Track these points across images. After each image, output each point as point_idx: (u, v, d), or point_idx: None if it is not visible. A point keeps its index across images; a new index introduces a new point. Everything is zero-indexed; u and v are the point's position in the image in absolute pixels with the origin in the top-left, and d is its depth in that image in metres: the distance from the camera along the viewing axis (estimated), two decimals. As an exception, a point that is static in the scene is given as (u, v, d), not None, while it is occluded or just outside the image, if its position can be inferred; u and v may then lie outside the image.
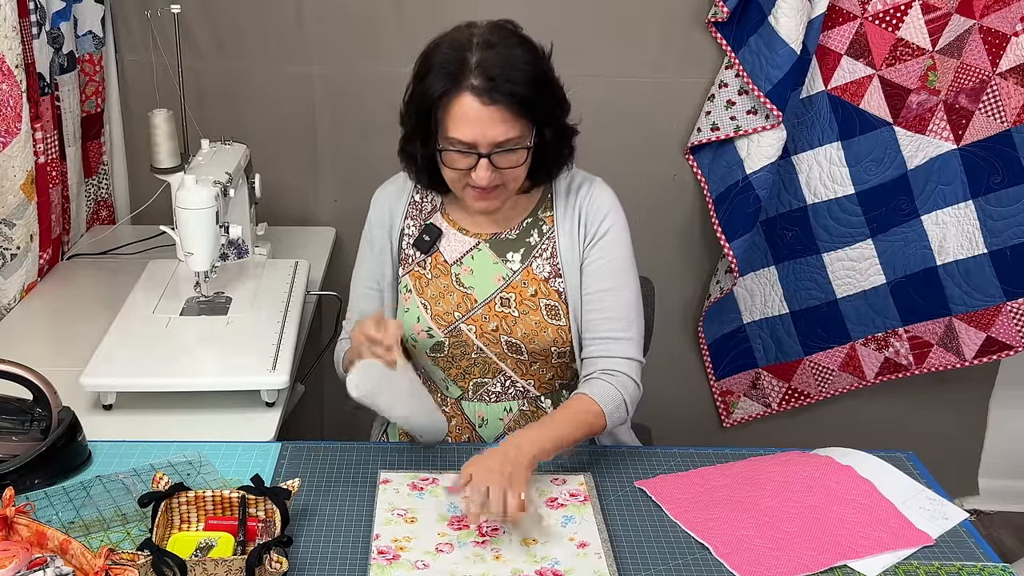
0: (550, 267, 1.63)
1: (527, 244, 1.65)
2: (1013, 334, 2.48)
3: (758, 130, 2.38)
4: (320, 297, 2.23)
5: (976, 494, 2.94)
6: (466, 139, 1.48)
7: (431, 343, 1.64)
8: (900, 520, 1.39)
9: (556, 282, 1.63)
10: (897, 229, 2.48)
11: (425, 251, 1.66)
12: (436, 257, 1.66)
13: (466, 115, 1.47)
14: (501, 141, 1.49)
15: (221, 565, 1.16)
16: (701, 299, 2.71)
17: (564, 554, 1.29)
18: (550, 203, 1.67)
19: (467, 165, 1.51)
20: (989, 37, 2.29)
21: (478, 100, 1.46)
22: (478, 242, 1.65)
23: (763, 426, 2.82)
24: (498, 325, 1.61)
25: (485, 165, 1.49)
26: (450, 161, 1.52)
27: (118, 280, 2.11)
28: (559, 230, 1.64)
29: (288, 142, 2.53)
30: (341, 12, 2.41)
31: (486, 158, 1.49)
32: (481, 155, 1.49)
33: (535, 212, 1.67)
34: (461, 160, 1.51)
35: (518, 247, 1.65)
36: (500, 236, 1.65)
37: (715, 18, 2.38)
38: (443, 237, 1.66)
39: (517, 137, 1.50)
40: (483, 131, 1.47)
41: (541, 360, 1.64)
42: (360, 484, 1.44)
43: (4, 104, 1.91)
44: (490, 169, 1.50)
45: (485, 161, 1.49)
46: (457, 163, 1.52)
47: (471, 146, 1.49)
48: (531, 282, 1.62)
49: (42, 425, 1.44)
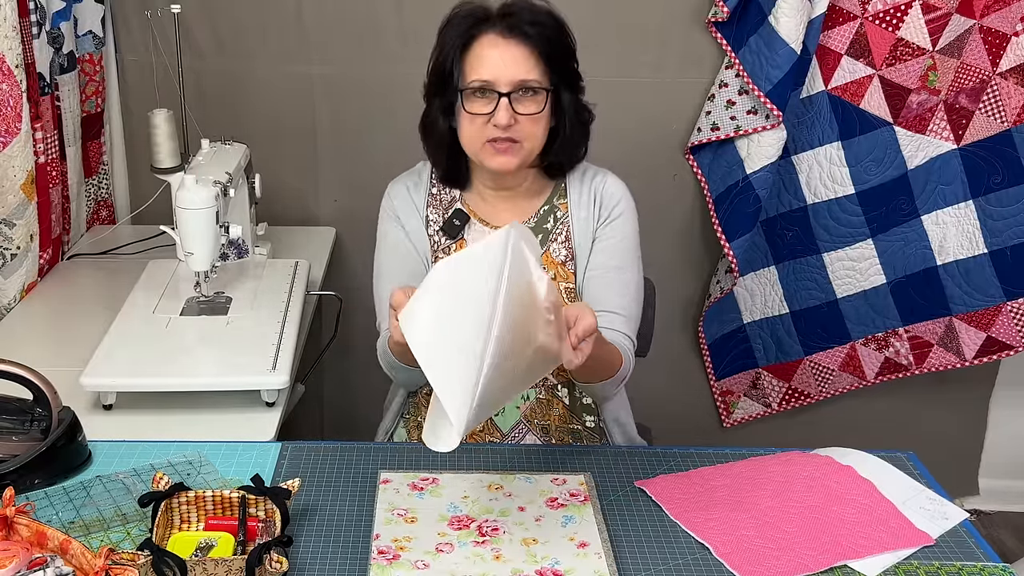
0: (565, 250, 1.66)
1: (544, 230, 1.67)
2: (1013, 334, 2.48)
3: (758, 130, 2.38)
4: (320, 297, 2.23)
5: (976, 494, 2.94)
6: (486, 77, 1.50)
7: None
8: (900, 520, 1.39)
9: (572, 265, 1.66)
10: (897, 229, 2.48)
11: (453, 236, 1.66)
12: (460, 245, 1.67)
13: (487, 53, 1.51)
14: (521, 79, 1.51)
15: (221, 565, 1.16)
16: (701, 299, 2.71)
17: (564, 554, 1.29)
18: (564, 191, 1.69)
19: (487, 109, 1.52)
20: (989, 37, 2.29)
21: (500, 36, 1.51)
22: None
23: (763, 426, 2.82)
24: None
25: (505, 105, 1.50)
26: (470, 106, 1.52)
27: (118, 280, 2.11)
28: (572, 214, 1.67)
29: (288, 142, 2.53)
30: (341, 12, 2.41)
31: (506, 97, 1.50)
32: (501, 94, 1.50)
33: (551, 200, 1.69)
34: (481, 104, 1.52)
35: (536, 234, 1.66)
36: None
37: (715, 18, 2.38)
38: (469, 223, 1.66)
39: (537, 80, 1.52)
40: (504, 67, 1.50)
41: None
42: (360, 484, 1.44)
43: (4, 104, 1.91)
44: (509, 111, 1.51)
45: (505, 101, 1.50)
46: (477, 107, 1.52)
47: (490, 85, 1.50)
48: (550, 267, 1.65)
49: (42, 425, 1.44)
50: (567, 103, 1.59)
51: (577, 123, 1.62)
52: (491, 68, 1.51)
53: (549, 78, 1.54)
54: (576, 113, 1.61)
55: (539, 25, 1.52)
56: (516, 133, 1.53)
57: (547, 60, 1.53)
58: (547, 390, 1.68)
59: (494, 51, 1.51)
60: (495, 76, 1.50)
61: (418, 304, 1.21)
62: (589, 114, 1.64)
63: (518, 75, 1.51)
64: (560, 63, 1.56)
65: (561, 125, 1.60)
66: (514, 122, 1.52)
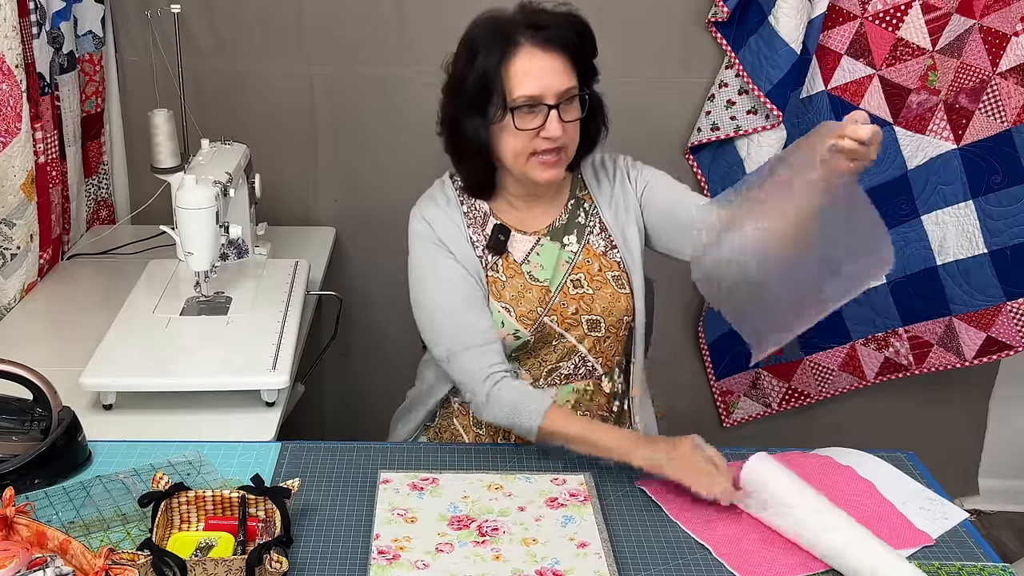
0: (603, 240, 1.68)
1: (578, 225, 1.68)
2: (1013, 334, 2.48)
3: (758, 130, 2.39)
4: (320, 297, 2.23)
5: (976, 494, 2.94)
6: (534, 92, 1.51)
7: (516, 344, 1.63)
8: (900, 520, 1.39)
9: (613, 254, 1.68)
10: (897, 229, 2.48)
11: (500, 252, 1.65)
12: (506, 258, 1.65)
13: (530, 68, 1.51)
14: (566, 89, 1.52)
15: (221, 565, 1.16)
16: (701, 299, 2.71)
17: (564, 554, 1.29)
18: (583, 183, 1.71)
19: (537, 123, 1.52)
20: (989, 37, 2.29)
21: (539, 49, 1.51)
22: (539, 238, 1.67)
23: (763, 426, 2.82)
24: (577, 307, 1.64)
25: (555, 117, 1.51)
26: (522, 123, 1.52)
27: (118, 280, 2.11)
28: (600, 205, 1.69)
29: (288, 142, 2.52)
30: (341, 12, 2.41)
31: (555, 109, 1.51)
32: (550, 106, 1.51)
33: (574, 193, 1.70)
34: (530, 119, 1.52)
35: (571, 229, 1.68)
36: (555, 225, 1.68)
37: (715, 18, 2.38)
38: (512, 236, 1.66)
39: (574, 87, 1.54)
40: (548, 81, 1.51)
41: (613, 335, 1.68)
42: (360, 484, 1.44)
43: (4, 104, 1.91)
44: (559, 122, 1.51)
45: (555, 112, 1.51)
46: (527, 123, 1.52)
47: (539, 99, 1.51)
48: (593, 259, 1.67)
49: (42, 425, 1.44)
50: (595, 100, 1.61)
51: (599, 118, 1.64)
52: (537, 82, 1.50)
53: (579, 80, 1.56)
54: (602, 107, 1.63)
55: (571, 32, 1.53)
56: (562, 142, 1.55)
57: (579, 64, 1.55)
58: (594, 381, 1.70)
59: (535, 64, 1.51)
60: (542, 90, 1.50)
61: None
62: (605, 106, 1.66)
63: (563, 85, 1.52)
64: (589, 64, 1.58)
65: (592, 122, 1.62)
66: (564, 133, 1.53)
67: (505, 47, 1.51)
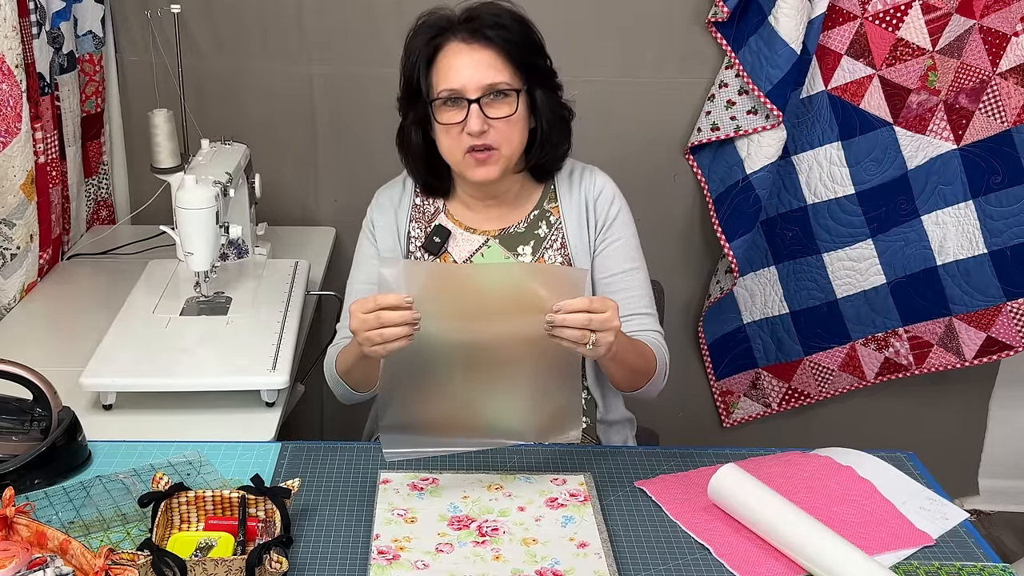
0: (561, 258, 1.64)
1: (536, 236, 1.65)
2: (1013, 334, 2.48)
3: (758, 130, 2.38)
4: (320, 297, 2.23)
5: (976, 494, 2.94)
6: (454, 85, 1.49)
7: None
8: (900, 520, 1.39)
9: None
10: (897, 229, 2.48)
11: (435, 252, 1.64)
12: (444, 259, 1.64)
13: (454, 62, 1.50)
14: (489, 84, 1.49)
15: (221, 565, 1.16)
16: (701, 299, 2.71)
17: (564, 554, 1.29)
18: (554, 194, 1.67)
19: (459, 118, 1.50)
20: (989, 37, 2.29)
21: (464, 44, 1.50)
22: (487, 239, 1.65)
23: (763, 426, 2.82)
24: None
25: (475, 112, 1.49)
26: (442, 117, 1.51)
27: (118, 280, 2.11)
28: (566, 221, 1.65)
29: (288, 142, 2.53)
30: (341, 12, 2.41)
31: (476, 103, 1.49)
32: (470, 101, 1.49)
33: (541, 204, 1.67)
34: (453, 113, 1.50)
35: (528, 239, 1.65)
36: (509, 231, 1.65)
37: (715, 18, 2.38)
38: (451, 237, 1.65)
39: (506, 82, 1.50)
40: (470, 74, 1.49)
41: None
42: (360, 484, 1.44)
43: (4, 104, 1.91)
44: (481, 116, 1.49)
45: (475, 107, 1.49)
46: (448, 117, 1.51)
47: (459, 93, 1.49)
48: None
49: (42, 425, 1.44)
50: (542, 101, 1.57)
51: (556, 121, 1.60)
52: (457, 76, 1.49)
53: (520, 79, 1.53)
54: (553, 111, 1.59)
55: (501, 27, 1.51)
56: (492, 139, 1.51)
57: (515, 61, 1.52)
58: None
59: (458, 58, 1.50)
60: (462, 83, 1.49)
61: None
62: (569, 111, 1.62)
63: (485, 79, 1.49)
64: (529, 62, 1.54)
65: (539, 125, 1.58)
66: (487, 128, 1.50)
67: (433, 42, 1.52)
